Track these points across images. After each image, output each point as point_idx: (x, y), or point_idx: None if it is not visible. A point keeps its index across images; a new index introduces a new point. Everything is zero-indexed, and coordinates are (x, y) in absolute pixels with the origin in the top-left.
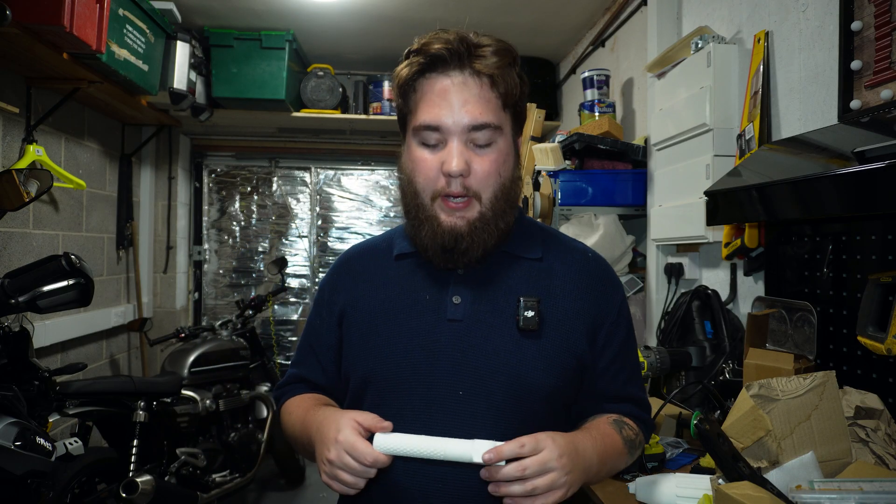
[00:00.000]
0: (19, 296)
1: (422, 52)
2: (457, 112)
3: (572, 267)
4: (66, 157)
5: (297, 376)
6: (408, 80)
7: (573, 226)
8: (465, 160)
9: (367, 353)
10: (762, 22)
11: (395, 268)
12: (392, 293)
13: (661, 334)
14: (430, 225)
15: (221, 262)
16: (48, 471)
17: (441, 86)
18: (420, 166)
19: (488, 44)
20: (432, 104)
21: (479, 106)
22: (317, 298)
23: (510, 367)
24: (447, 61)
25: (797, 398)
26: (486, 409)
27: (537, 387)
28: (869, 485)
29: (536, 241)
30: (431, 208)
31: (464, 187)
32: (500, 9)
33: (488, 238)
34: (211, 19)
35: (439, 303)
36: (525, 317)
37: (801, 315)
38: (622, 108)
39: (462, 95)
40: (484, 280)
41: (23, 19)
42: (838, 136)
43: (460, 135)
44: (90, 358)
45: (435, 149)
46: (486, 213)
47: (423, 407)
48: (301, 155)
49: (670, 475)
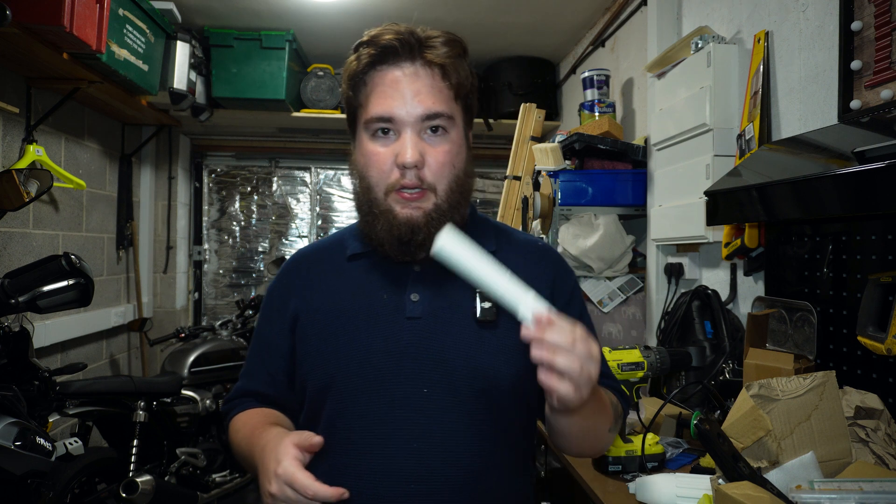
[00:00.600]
0: (19, 296)
1: (372, 44)
2: (409, 103)
3: (525, 257)
4: (66, 157)
5: (244, 389)
6: (358, 72)
7: (573, 226)
8: (419, 151)
9: (326, 357)
10: (762, 22)
11: (349, 269)
12: (348, 295)
13: (661, 334)
14: (385, 219)
15: (221, 262)
16: (48, 471)
17: (392, 77)
18: (373, 160)
19: (438, 35)
20: (384, 96)
21: (431, 96)
22: (265, 305)
23: (471, 359)
24: (398, 52)
25: (797, 398)
26: (452, 404)
27: (500, 378)
28: (869, 485)
29: (490, 235)
30: (386, 202)
31: (418, 178)
32: (500, 9)
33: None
34: (211, 19)
35: (397, 302)
36: (482, 308)
37: (801, 315)
38: (622, 108)
39: (414, 86)
40: (441, 276)
41: (23, 19)
42: (838, 136)
43: (413, 126)
44: (90, 358)
45: (387, 141)
46: (441, 204)
47: (388, 408)
48: (301, 155)
49: (670, 475)
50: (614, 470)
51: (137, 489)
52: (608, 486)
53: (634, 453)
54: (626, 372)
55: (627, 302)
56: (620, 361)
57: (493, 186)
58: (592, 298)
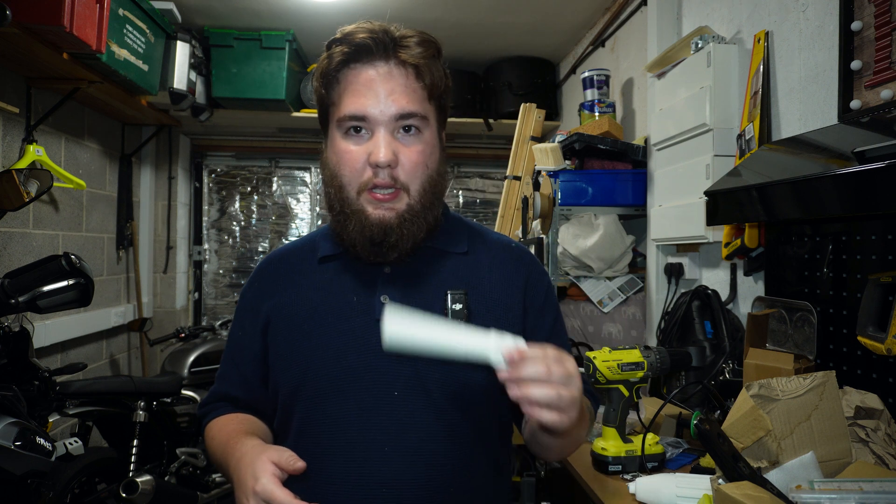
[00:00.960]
0: (19, 296)
1: (345, 42)
2: (383, 102)
3: (497, 258)
4: (66, 157)
5: (219, 393)
6: (330, 70)
7: (573, 226)
8: (392, 150)
9: (296, 360)
10: (762, 22)
11: (321, 271)
12: (319, 297)
13: (661, 334)
14: (357, 219)
15: (221, 262)
16: (48, 471)
17: (366, 76)
18: (345, 158)
19: (412, 35)
20: (357, 94)
21: (405, 95)
22: (238, 308)
23: (444, 362)
24: (372, 51)
25: (797, 398)
26: (425, 407)
27: (472, 380)
28: (869, 485)
29: (462, 236)
30: (358, 202)
31: (391, 178)
32: (500, 9)
33: (417, 231)
34: (211, 19)
35: (368, 304)
36: (453, 310)
37: (801, 315)
38: (622, 108)
39: (388, 85)
40: (411, 277)
41: (23, 19)
42: (838, 136)
43: (387, 125)
44: (90, 358)
45: (360, 140)
46: (414, 205)
47: (358, 411)
48: (301, 155)
49: (670, 475)
50: (614, 470)
51: (137, 489)
52: (608, 486)
53: (634, 453)
54: (626, 372)
55: (627, 302)
56: (620, 361)
57: (493, 186)
58: (592, 298)
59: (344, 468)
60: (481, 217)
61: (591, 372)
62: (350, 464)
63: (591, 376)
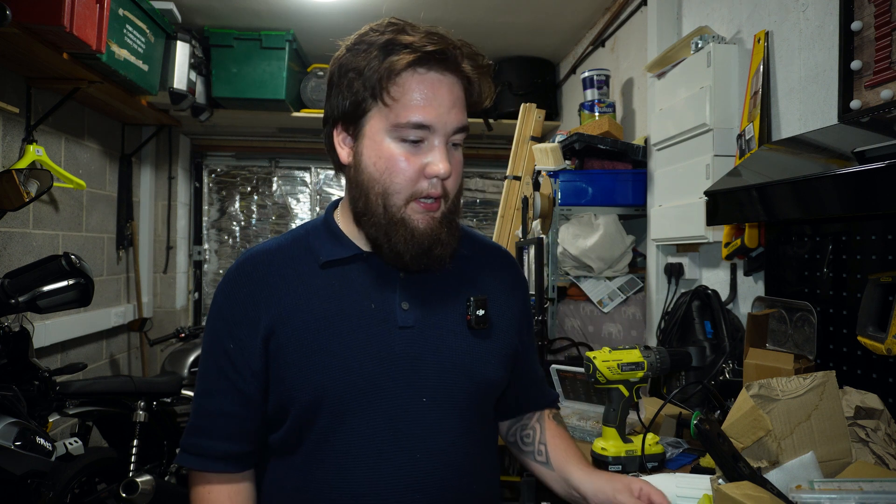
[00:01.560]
0: (19, 296)
1: (412, 47)
2: (446, 113)
3: (494, 262)
4: (66, 157)
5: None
6: (392, 70)
7: (573, 226)
8: (449, 162)
9: (314, 371)
10: (762, 22)
11: (324, 276)
12: (331, 304)
13: (661, 334)
14: (404, 227)
15: (221, 262)
16: (48, 471)
17: (433, 84)
18: (398, 165)
19: (470, 51)
20: (424, 102)
21: (462, 110)
22: (225, 317)
23: (467, 367)
24: (441, 60)
25: (797, 398)
26: (451, 410)
27: (491, 382)
28: (869, 485)
29: (464, 240)
30: (404, 210)
31: (443, 189)
32: (500, 9)
33: (455, 238)
34: (211, 19)
35: (388, 311)
36: (476, 316)
37: (801, 315)
38: (622, 108)
39: (451, 97)
40: (427, 282)
41: (23, 19)
42: (838, 136)
43: (446, 137)
44: (90, 358)
45: (416, 149)
46: (449, 211)
47: (386, 421)
48: (301, 155)
49: (670, 475)
50: (614, 470)
51: (137, 489)
52: None
53: (634, 453)
54: (626, 372)
55: (627, 302)
56: (620, 361)
57: (493, 186)
58: (592, 298)
59: (375, 476)
60: (481, 217)
61: (591, 372)
62: (381, 471)
63: (591, 376)
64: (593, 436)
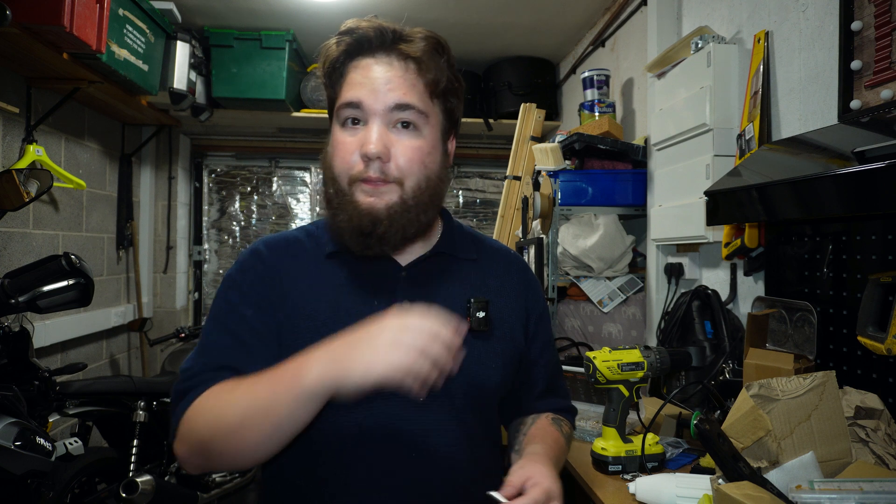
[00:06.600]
0: (19, 296)
1: (348, 34)
2: (380, 90)
3: (501, 265)
4: (66, 157)
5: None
6: (334, 62)
7: (573, 226)
8: (384, 143)
9: None
10: (762, 22)
11: (331, 268)
12: (338, 298)
13: (661, 334)
14: (347, 209)
15: (221, 262)
16: (48, 471)
17: (365, 64)
18: (339, 149)
19: (417, 31)
20: (355, 83)
21: (403, 87)
22: (243, 290)
23: (466, 369)
24: (373, 43)
25: (797, 398)
26: (448, 412)
27: (491, 385)
28: (869, 485)
29: (468, 242)
30: (350, 191)
31: (382, 172)
32: (500, 9)
33: (408, 226)
34: (211, 19)
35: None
36: (477, 318)
37: (801, 315)
38: (622, 108)
39: (386, 75)
40: (429, 283)
41: (23, 19)
42: (838, 136)
43: (382, 116)
44: (90, 358)
45: (356, 131)
46: (407, 200)
47: (385, 419)
48: (301, 155)
49: (670, 475)
50: (614, 470)
51: (137, 489)
52: (608, 486)
53: (634, 453)
54: (626, 372)
55: (627, 302)
56: (620, 361)
57: (493, 186)
58: (592, 298)
59: (369, 475)
60: (481, 217)
61: (591, 372)
62: (376, 471)
63: (591, 376)
64: (593, 436)
